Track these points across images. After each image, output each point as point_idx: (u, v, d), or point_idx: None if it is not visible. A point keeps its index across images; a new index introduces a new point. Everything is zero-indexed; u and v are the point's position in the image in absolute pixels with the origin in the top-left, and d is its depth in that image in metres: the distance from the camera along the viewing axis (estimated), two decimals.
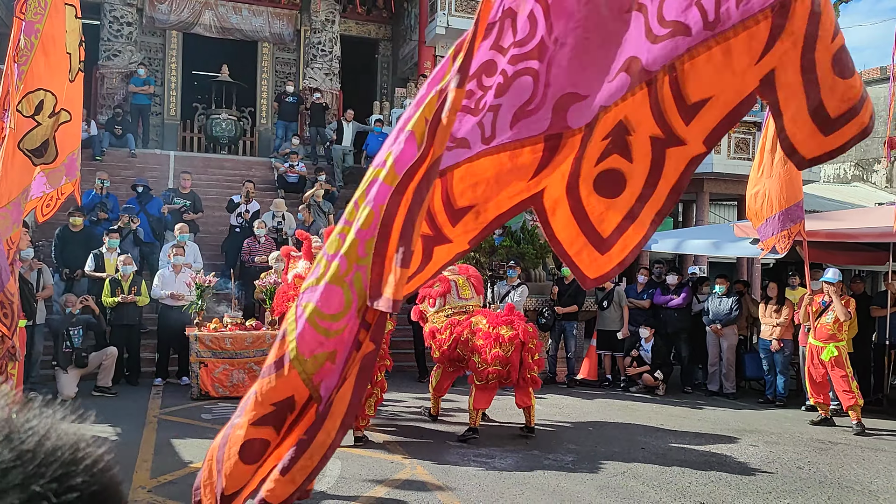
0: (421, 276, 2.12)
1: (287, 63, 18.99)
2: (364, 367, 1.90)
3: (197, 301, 8.58)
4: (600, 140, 1.96)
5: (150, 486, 5.11)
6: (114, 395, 8.29)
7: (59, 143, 4.01)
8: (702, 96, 1.82)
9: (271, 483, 1.94)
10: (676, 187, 1.97)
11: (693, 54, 1.76)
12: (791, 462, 6.40)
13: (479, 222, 2.10)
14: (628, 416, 8.19)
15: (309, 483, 1.94)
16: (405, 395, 8.69)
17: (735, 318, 9.64)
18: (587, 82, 1.94)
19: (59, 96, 3.87)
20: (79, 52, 4.17)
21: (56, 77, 3.88)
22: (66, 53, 3.99)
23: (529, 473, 5.75)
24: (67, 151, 4.55)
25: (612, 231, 2.09)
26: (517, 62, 1.99)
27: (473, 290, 7.41)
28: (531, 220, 11.09)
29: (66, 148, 4.38)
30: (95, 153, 14.07)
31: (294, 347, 1.88)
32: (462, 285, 7.30)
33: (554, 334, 10.21)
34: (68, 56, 4.04)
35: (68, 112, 4.01)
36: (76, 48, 4.13)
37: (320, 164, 15.60)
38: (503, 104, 1.99)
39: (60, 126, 3.90)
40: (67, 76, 4.06)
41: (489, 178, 2.01)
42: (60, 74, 3.97)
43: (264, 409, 1.96)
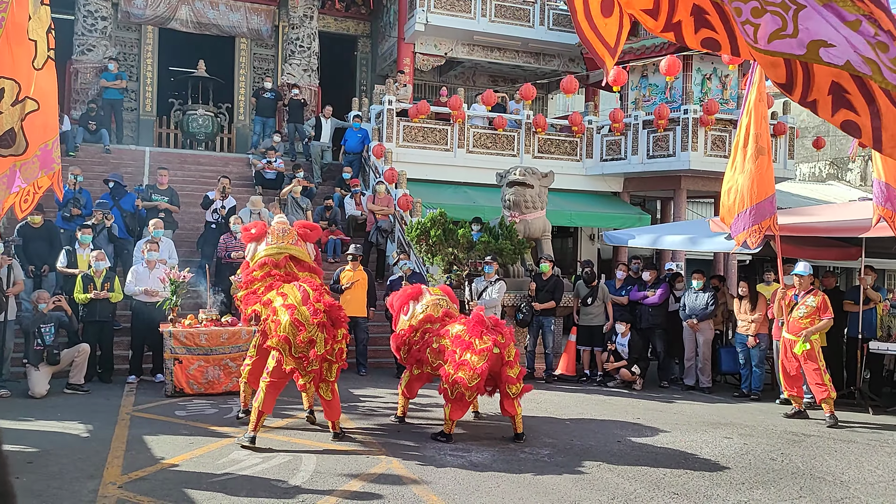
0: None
1: (265, 59, 18.87)
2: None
3: (171, 297, 8.47)
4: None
5: (120, 482, 5.04)
6: (86, 393, 8.16)
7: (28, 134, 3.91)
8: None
9: None
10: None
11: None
12: (764, 454, 6.46)
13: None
14: (605, 410, 8.22)
15: None
16: (382, 392, 8.66)
17: (711, 313, 9.72)
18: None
19: (23, 84, 3.77)
20: (47, 40, 4.07)
21: (20, 65, 3.79)
22: (29, 40, 3.89)
23: (506, 467, 5.74)
24: (39, 142, 4.45)
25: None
26: None
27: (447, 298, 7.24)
28: (509, 215, 11.10)
29: (36, 139, 4.27)
30: (69, 149, 13.87)
31: None
32: (433, 290, 7.27)
33: (532, 330, 10.23)
34: (33, 43, 3.94)
35: (35, 101, 3.91)
36: (43, 35, 4.03)
37: (298, 160, 15.52)
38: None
39: (28, 116, 3.80)
40: (32, 64, 3.96)
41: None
42: (24, 62, 3.87)
43: None
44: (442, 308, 6.98)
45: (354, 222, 13.39)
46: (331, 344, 5.90)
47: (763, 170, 7.65)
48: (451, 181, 15.09)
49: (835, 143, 25.49)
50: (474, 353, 6.26)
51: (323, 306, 5.92)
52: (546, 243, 11.45)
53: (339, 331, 6.00)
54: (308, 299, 5.92)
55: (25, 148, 3.81)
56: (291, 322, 5.81)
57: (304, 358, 5.85)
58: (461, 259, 10.46)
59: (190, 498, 4.78)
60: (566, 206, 15.03)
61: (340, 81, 20.13)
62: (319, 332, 5.83)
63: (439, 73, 20.16)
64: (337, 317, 6.00)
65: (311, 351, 5.81)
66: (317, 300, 5.95)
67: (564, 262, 17.41)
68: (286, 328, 5.82)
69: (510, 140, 15.62)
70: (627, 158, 15.77)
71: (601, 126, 16.36)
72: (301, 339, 5.79)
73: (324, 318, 5.86)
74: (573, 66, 18.79)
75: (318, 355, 5.81)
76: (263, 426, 6.45)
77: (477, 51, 18.35)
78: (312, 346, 5.82)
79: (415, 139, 14.95)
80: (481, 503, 4.87)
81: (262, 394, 6.01)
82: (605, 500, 5.02)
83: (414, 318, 6.99)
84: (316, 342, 5.82)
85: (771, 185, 7.65)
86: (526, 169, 11.31)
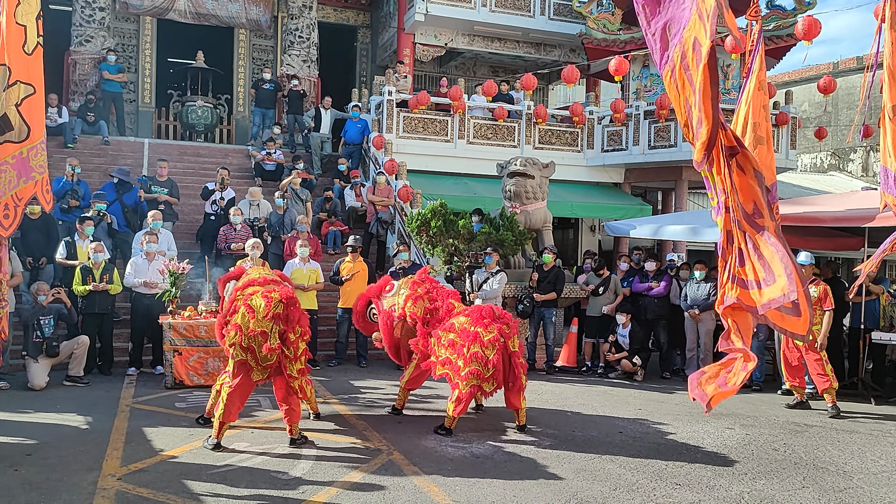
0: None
1: (264, 50, 18.77)
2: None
3: (170, 289, 8.43)
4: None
5: (119, 474, 5.01)
6: (86, 385, 8.13)
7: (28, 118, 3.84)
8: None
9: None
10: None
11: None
12: (767, 444, 6.43)
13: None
14: (607, 401, 8.20)
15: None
16: (383, 383, 8.63)
17: (713, 303, 9.66)
18: None
19: (17, 68, 3.72)
20: (36, 26, 4.02)
21: (11, 48, 3.73)
22: (17, 25, 3.83)
23: (507, 458, 5.72)
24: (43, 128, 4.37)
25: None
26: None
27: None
28: (510, 206, 11.05)
29: (38, 124, 4.17)
30: (67, 140, 13.81)
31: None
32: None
33: (533, 321, 10.19)
34: (22, 28, 3.88)
35: (31, 85, 3.85)
36: (33, 21, 3.98)
37: (298, 151, 15.46)
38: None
39: (24, 100, 3.74)
40: (23, 49, 3.91)
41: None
42: (14, 47, 3.81)
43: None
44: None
45: (355, 214, 13.34)
46: (288, 338, 5.71)
47: (763, 159, 7.59)
48: (451, 172, 15.04)
49: (836, 133, 25.42)
50: (483, 345, 6.22)
51: (279, 296, 5.71)
52: (547, 234, 11.41)
53: (296, 326, 5.78)
54: (267, 294, 5.73)
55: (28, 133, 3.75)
56: (244, 310, 5.63)
57: (255, 352, 5.63)
58: (462, 250, 10.41)
59: (189, 489, 4.75)
60: (567, 197, 14.98)
61: (340, 72, 20.04)
62: (273, 325, 5.63)
63: (439, 64, 20.06)
64: (294, 311, 5.77)
65: (264, 345, 5.61)
66: (272, 291, 5.75)
67: (565, 253, 17.37)
68: (239, 317, 5.64)
69: (511, 131, 15.55)
70: (629, 149, 15.70)
71: (602, 116, 16.28)
72: (253, 329, 5.58)
73: (280, 311, 5.66)
74: (574, 56, 18.69)
75: (271, 348, 5.62)
76: (263, 420, 6.42)
77: (477, 41, 18.25)
78: (266, 339, 5.61)
79: (415, 130, 14.88)
80: (483, 495, 4.84)
81: (224, 401, 5.69)
82: (607, 491, 4.99)
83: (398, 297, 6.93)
84: (269, 335, 5.62)
85: (770, 173, 7.58)
86: (527, 159, 11.25)
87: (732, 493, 5.06)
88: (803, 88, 25.49)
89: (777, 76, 26.19)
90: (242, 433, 6.13)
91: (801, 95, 25.18)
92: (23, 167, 4.22)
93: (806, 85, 25.46)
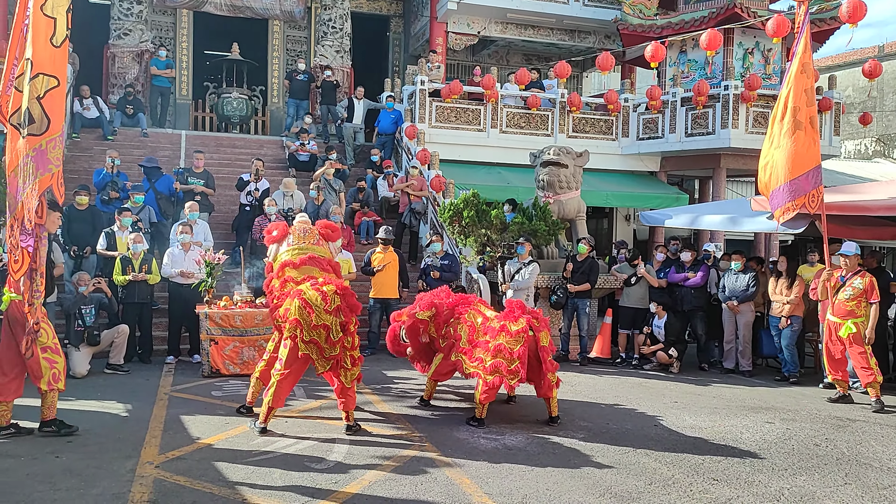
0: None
1: (298, 41, 18.85)
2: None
3: (206, 279, 8.55)
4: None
5: (157, 462, 5.10)
6: (126, 373, 8.30)
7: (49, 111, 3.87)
8: None
9: None
10: None
11: None
12: (808, 439, 6.28)
13: None
14: (642, 393, 8.09)
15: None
16: (415, 373, 8.62)
17: (752, 294, 9.47)
18: None
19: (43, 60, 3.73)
20: (66, 18, 4.03)
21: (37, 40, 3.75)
22: (46, 17, 3.85)
23: (540, 450, 5.68)
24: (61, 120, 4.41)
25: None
26: None
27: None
28: (543, 196, 10.94)
29: (57, 117, 4.19)
30: (106, 133, 14.07)
31: None
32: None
33: (567, 312, 10.10)
34: (52, 20, 3.90)
35: (55, 78, 3.86)
36: (63, 13, 4.00)
37: (331, 142, 15.52)
38: None
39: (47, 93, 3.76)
40: (50, 41, 3.92)
41: None
42: (42, 38, 3.83)
43: None
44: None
45: (387, 204, 13.35)
46: (347, 328, 5.76)
47: (801, 145, 7.39)
48: (484, 162, 14.95)
49: (881, 119, 24.68)
50: (509, 336, 6.18)
51: (334, 288, 5.74)
52: (581, 224, 11.28)
53: (353, 316, 5.84)
54: (318, 286, 5.77)
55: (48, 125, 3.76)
56: (300, 305, 5.66)
57: (319, 344, 5.69)
58: (494, 240, 10.35)
59: (225, 478, 4.81)
60: (601, 186, 14.79)
61: (373, 62, 20.05)
62: (333, 317, 5.66)
63: (472, 53, 19.93)
64: (351, 299, 5.82)
65: (326, 338, 5.66)
66: (326, 283, 5.80)
67: (599, 243, 17.18)
68: (296, 311, 5.67)
69: (544, 119, 15.39)
70: (665, 137, 15.43)
71: (638, 104, 16.01)
72: (314, 323, 5.62)
73: (337, 301, 5.71)
74: (609, 42, 18.41)
75: (333, 341, 5.67)
76: (298, 409, 6.48)
77: (510, 29, 18.08)
78: (328, 332, 5.66)
79: (447, 119, 14.82)
80: (515, 487, 4.81)
81: (274, 388, 5.82)
82: (643, 486, 4.92)
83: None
84: (331, 328, 5.67)
85: (810, 160, 7.38)
86: (560, 148, 11.12)
87: (772, 489, 4.95)
88: (847, 73, 24.77)
89: (820, 60, 25.50)
90: (277, 422, 6.19)
91: (846, 80, 24.48)
92: (41, 159, 4.23)
93: (850, 69, 24.73)
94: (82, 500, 4.35)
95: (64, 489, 4.52)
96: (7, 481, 4.64)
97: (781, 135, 7.61)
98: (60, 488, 4.53)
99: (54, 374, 5.64)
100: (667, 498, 4.70)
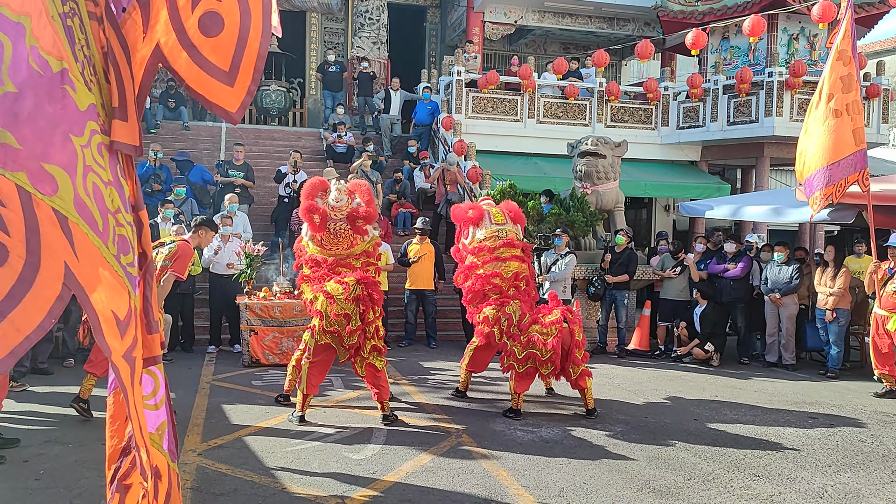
0: None
1: (335, 33, 18.94)
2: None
3: (246, 270, 8.68)
4: None
5: (200, 450, 5.21)
6: (169, 362, 8.47)
7: None
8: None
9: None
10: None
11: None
12: (853, 435, 6.13)
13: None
14: (681, 386, 7.99)
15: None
16: (451, 364, 8.66)
17: (796, 286, 9.26)
18: None
19: None
20: None
21: None
22: None
23: (577, 443, 5.65)
24: None
25: (231, 63, 2.39)
26: None
27: (508, 217, 6.91)
28: (580, 187, 10.84)
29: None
30: (149, 126, 14.35)
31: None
32: (495, 213, 6.90)
33: (604, 304, 10.01)
34: None
35: None
36: None
37: (368, 133, 15.59)
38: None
39: None
40: None
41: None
42: None
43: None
44: (500, 239, 6.70)
45: (424, 195, 13.38)
46: (367, 318, 5.83)
47: (835, 133, 7.18)
48: (520, 152, 14.87)
49: None
50: (543, 327, 6.17)
51: (355, 279, 5.83)
52: (619, 215, 11.15)
53: (376, 306, 5.92)
54: (341, 281, 5.87)
55: None
56: (324, 298, 5.81)
57: (339, 333, 5.82)
58: (531, 232, 10.29)
59: (265, 467, 4.90)
60: (640, 177, 14.60)
61: (409, 53, 20.04)
62: (352, 306, 5.77)
63: (509, 42, 19.80)
64: (374, 290, 5.90)
65: (346, 326, 5.77)
66: (346, 276, 5.88)
67: (638, 233, 16.97)
68: (320, 304, 5.84)
69: (582, 109, 15.22)
70: (706, 125, 15.13)
71: (678, 92, 15.73)
72: (334, 312, 5.76)
73: (359, 292, 5.80)
74: (648, 30, 18.10)
75: (352, 330, 5.78)
76: (336, 399, 6.54)
77: (548, 17, 17.89)
78: (348, 320, 5.78)
79: (484, 110, 14.76)
80: (551, 480, 4.80)
81: (305, 375, 5.99)
82: (682, 481, 4.86)
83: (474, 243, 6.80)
84: (350, 316, 5.78)
85: (844, 149, 7.16)
86: (598, 138, 11.00)
87: (815, 485, 4.85)
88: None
89: (868, 45, 24.69)
90: (316, 412, 6.27)
91: (895, 66, 23.66)
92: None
93: None
94: None
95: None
96: (56, 468, 4.79)
97: (815, 121, 7.45)
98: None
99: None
100: (706, 494, 4.64)
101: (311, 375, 6.01)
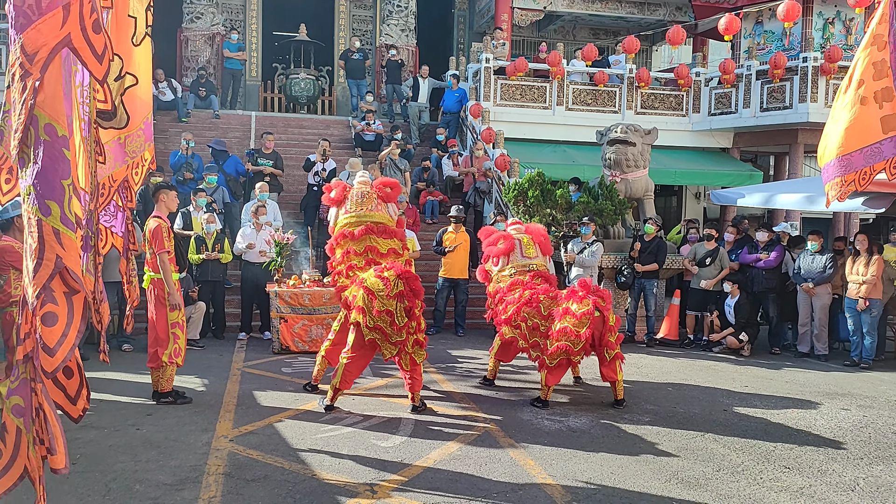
0: None
1: (363, 20, 18.94)
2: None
3: (276, 258, 8.78)
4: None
5: (231, 436, 5.31)
6: (201, 348, 8.64)
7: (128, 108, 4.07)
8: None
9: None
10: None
11: None
12: (886, 427, 6.04)
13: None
14: (710, 376, 7.93)
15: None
16: (480, 353, 8.69)
17: (830, 276, 9.10)
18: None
19: (125, 60, 3.92)
20: (146, 17, 4.22)
21: (122, 41, 3.94)
22: (128, 17, 4.04)
23: (605, 433, 5.65)
24: (140, 116, 4.64)
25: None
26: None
27: (538, 249, 7.05)
28: (609, 175, 10.74)
29: (137, 113, 4.44)
30: (180, 115, 14.52)
31: None
32: (526, 244, 6.99)
33: (633, 292, 9.95)
34: (133, 20, 4.10)
35: (133, 76, 4.07)
36: (142, 12, 4.18)
37: (396, 121, 15.60)
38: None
39: (127, 90, 3.96)
40: (131, 40, 4.12)
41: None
42: (125, 38, 4.03)
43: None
44: (530, 271, 6.86)
45: (452, 183, 13.37)
46: (413, 313, 5.80)
47: (860, 120, 7.01)
48: (549, 140, 14.77)
49: None
50: (574, 318, 6.14)
51: (395, 273, 5.77)
52: (648, 203, 11.03)
53: (418, 300, 5.87)
54: (380, 272, 5.82)
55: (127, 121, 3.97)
56: (364, 294, 5.76)
57: (384, 330, 5.76)
58: (559, 220, 10.25)
59: (295, 453, 4.98)
60: (671, 164, 14.42)
61: (437, 40, 19.97)
62: (396, 302, 5.71)
63: (538, 29, 19.62)
64: (415, 283, 5.86)
65: (391, 323, 5.73)
66: (387, 269, 5.83)
67: (668, 221, 16.78)
68: (361, 300, 5.78)
69: (611, 96, 15.06)
70: (738, 112, 14.87)
71: (710, 78, 15.46)
72: (377, 309, 5.70)
73: (400, 287, 5.74)
74: (680, 14, 17.80)
75: (398, 326, 5.73)
76: (365, 387, 6.60)
77: (577, 3, 17.69)
78: (392, 317, 5.72)
79: (512, 97, 14.68)
80: (579, 470, 4.81)
81: (341, 370, 5.98)
82: (710, 472, 4.84)
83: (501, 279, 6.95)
84: (395, 313, 5.73)
85: (870, 136, 6.98)
86: (628, 126, 10.88)
87: (846, 478, 4.79)
88: None
89: None
90: (345, 400, 6.34)
91: None
92: (118, 152, 4.53)
93: None
94: (161, 471, 4.58)
95: (144, 460, 4.77)
96: (92, 452, 4.92)
97: (841, 108, 7.28)
98: (141, 460, 4.78)
99: (176, 349, 6.18)
100: (735, 486, 4.62)
101: (347, 372, 6.01)
